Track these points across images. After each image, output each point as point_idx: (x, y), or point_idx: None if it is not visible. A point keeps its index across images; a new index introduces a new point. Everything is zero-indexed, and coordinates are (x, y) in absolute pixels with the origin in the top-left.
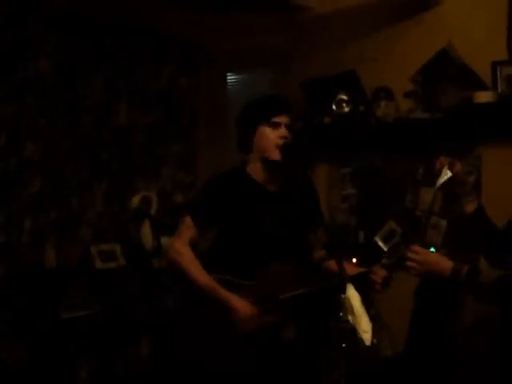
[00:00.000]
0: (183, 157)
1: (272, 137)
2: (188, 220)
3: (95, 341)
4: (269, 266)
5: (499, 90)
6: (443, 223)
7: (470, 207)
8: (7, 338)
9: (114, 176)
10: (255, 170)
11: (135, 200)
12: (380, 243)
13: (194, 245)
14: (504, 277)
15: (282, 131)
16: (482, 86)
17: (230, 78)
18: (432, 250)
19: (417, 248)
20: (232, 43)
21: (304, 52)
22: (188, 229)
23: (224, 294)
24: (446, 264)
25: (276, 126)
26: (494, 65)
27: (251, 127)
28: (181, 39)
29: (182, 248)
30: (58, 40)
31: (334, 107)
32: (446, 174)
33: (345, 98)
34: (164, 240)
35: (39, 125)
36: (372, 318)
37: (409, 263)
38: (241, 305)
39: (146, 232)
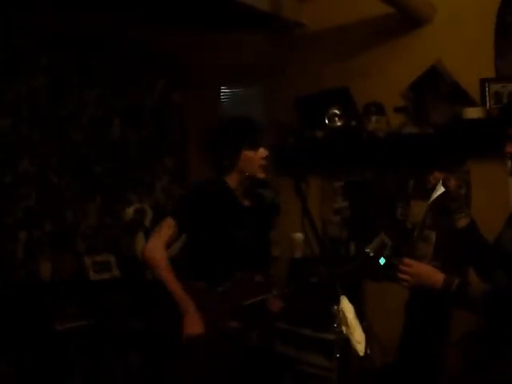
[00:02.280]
0: (176, 170)
1: (256, 158)
2: (170, 220)
3: (89, 352)
4: (236, 275)
5: (487, 106)
6: (433, 235)
7: (463, 222)
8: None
9: (107, 190)
10: (234, 186)
11: (129, 212)
12: (371, 255)
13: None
14: (492, 290)
15: (262, 151)
16: (470, 102)
17: (223, 91)
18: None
19: (409, 261)
20: (225, 58)
21: (296, 67)
22: (169, 228)
23: (186, 305)
24: (437, 277)
25: (257, 148)
26: (483, 82)
27: (237, 152)
28: (173, 55)
29: (157, 248)
30: (50, 57)
31: (326, 121)
32: (440, 189)
33: (337, 112)
34: None
35: (34, 140)
36: (364, 330)
37: (401, 275)
38: (193, 321)
39: (140, 243)
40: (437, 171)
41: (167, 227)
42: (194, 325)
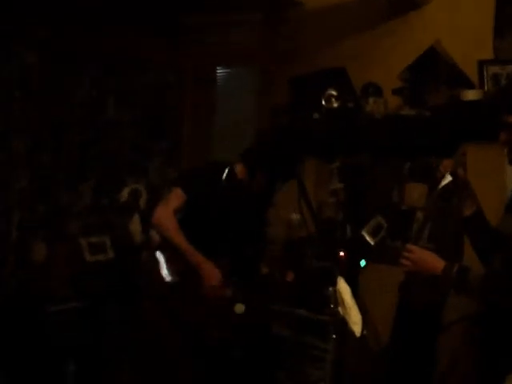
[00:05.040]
0: (170, 152)
1: None
2: (178, 191)
3: (83, 333)
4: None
5: (485, 89)
6: (421, 215)
7: (469, 210)
8: None
9: (101, 171)
10: (243, 174)
11: (124, 193)
12: (367, 237)
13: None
14: (490, 275)
15: None
16: (468, 85)
17: (219, 72)
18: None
19: (412, 247)
20: (221, 38)
21: (293, 48)
22: (177, 198)
23: (199, 257)
24: (438, 263)
25: None
26: (481, 64)
27: None
28: (169, 34)
29: (167, 213)
30: (45, 33)
31: (323, 102)
32: (448, 178)
33: (334, 93)
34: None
35: (27, 120)
36: (360, 311)
37: (403, 261)
38: (211, 269)
39: (135, 225)
40: (446, 159)
41: (176, 197)
42: (211, 274)
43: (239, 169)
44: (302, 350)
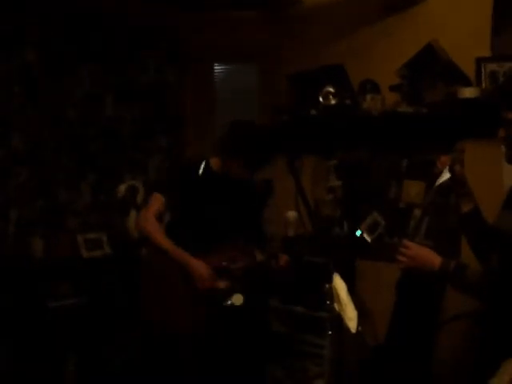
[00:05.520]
0: (170, 150)
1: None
2: (156, 195)
3: (82, 329)
4: (220, 243)
5: (483, 86)
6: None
7: (466, 207)
8: None
9: (101, 168)
10: (218, 166)
11: (121, 189)
12: (364, 234)
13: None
14: (488, 272)
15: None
16: (466, 82)
17: (217, 68)
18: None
19: (409, 243)
20: (221, 35)
21: (292, 44)
22: (156, 201)
23: (186, 256)
24: (435, 259)
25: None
26: (478, 61)
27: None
28: (169, 32)
29: (148, 216)
30: (45, 32)
31: (320, 99)
32: (446, 175)
33: (331, 90)
34: None
35: (27, 116)
36: (356, 307)
37: (400, 257)
38: (199, 266)
39: (133, 221)
40: (443, 155)
41: (154, 200)
42: (199, 269)
43: (214, 161)
44: (300, 346)
